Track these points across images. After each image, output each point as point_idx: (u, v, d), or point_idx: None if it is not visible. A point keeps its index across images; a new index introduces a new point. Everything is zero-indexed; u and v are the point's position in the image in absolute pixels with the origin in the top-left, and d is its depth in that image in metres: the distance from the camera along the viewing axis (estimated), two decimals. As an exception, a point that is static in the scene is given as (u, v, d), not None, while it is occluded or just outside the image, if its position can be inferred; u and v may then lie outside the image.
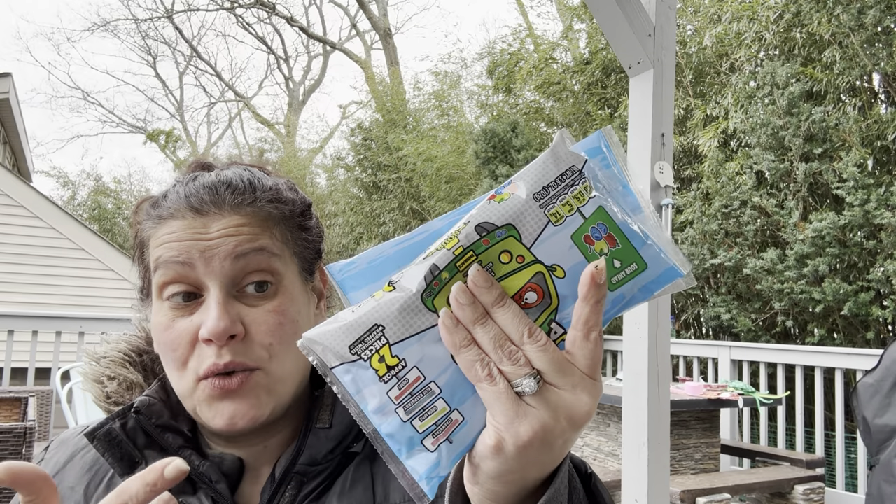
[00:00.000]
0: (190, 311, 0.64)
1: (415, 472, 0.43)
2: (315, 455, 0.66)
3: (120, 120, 25.64)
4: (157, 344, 0.66)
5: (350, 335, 0.42)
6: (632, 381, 2.25)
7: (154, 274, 0.65)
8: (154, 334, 0.67)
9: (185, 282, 0.64)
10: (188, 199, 0.65)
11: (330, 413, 0.68)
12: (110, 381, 0.73)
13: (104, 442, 0.66)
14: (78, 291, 8.52)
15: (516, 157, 8.14)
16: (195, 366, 0.63)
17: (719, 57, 6.61)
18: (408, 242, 0.46)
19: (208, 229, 0.64)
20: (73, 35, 35.44)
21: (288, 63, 24.15)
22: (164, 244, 0.64)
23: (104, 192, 16.69)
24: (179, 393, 0.66)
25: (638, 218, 0.45)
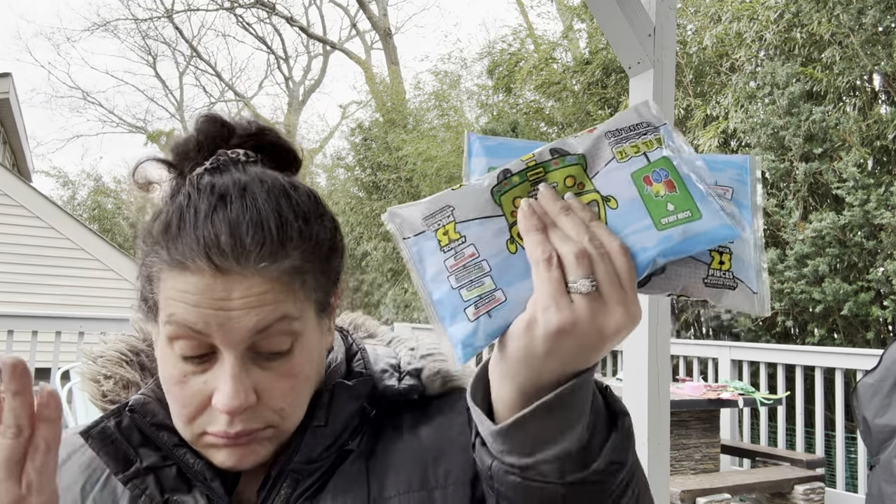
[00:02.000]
0: (203, 369, 0.61)
1: (453, 337, 0.50)
2: (311, 453, 0.65)
3: (120, 120, 25.64)
4: (165, 387, 0.63)
5: (426, 210, 0.51)
6: (632, 381, 2.25)
7: (164, 322, 0.60)
8: (162, 375, 0.63)
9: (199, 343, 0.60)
10: (207, 251, 0.57)
11: (326, 411, 0.67)
12: (107, 379, 0.72)
13: (98, 440, 0.66)
14: (78, 291, 8.52)
15: (516, 157, 8.15)
16: (204, 423, 0.62)
17: (719, 57, 6.61)
18: None
19: (229, 295, 0.57)
20: (72, 35, 35.44)
21: (288, 63, 24.16)
22: (178, 301, 0.58)
23: (104, 192, 16.70)
24: (181, 432, 0.64)
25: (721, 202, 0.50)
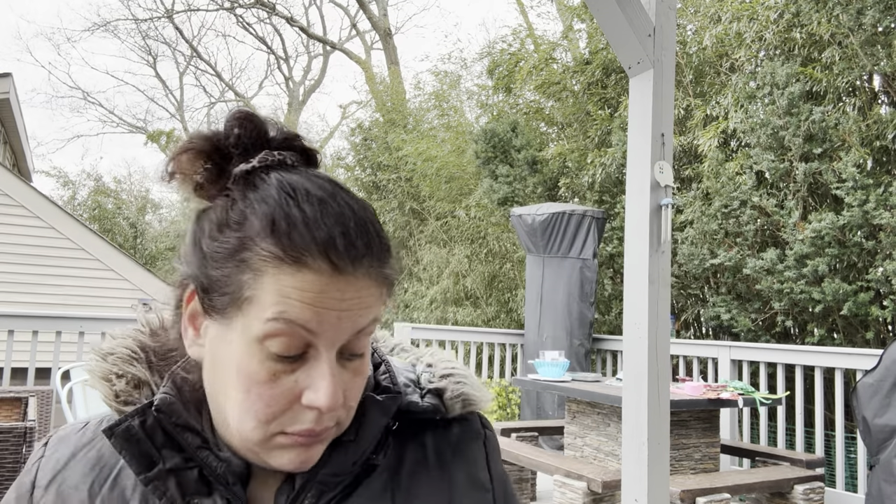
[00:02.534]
0: (293, 369, 0.60)
1: None
2: (338, 467, 0.66)
3: (120, 120, 25.64)
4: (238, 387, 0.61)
5: None
6: (632, 381, 2.26)
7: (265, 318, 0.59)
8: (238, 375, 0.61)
9: (299, 343, 0.60)
10: (326, 250, 0.58)
11: (357, 425, 0.67)
12: (119, 378, 0.70)
13: (122, 439, 0.65)
14: (78, 291, 8.52)
15: (516, 157, 8.15)
16: (284, 423, 0.61)
17: (719, 57, 6.61)
18: None
19: (343, 295, 0.59)
20: (73, 35, 35.46)
21: (288, 63, 24.16)
22: (294, 299, 0.58)
23: (104, 192, 16.68)
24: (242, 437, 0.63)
25: None
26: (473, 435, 0.76)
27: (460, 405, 0.76)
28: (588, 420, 3.90)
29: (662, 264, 2.26)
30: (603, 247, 6.98)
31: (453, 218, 10.16)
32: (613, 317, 7.24)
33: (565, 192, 7.55)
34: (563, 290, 5.73)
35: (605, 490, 3.22)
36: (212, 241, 0.62)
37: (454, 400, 0.75)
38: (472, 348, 6.03)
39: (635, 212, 2.30)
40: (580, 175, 7.40)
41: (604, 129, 7.37)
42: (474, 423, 0.77)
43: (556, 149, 7.93)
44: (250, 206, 0.61)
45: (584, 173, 7.22)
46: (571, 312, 5.72)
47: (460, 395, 0.76)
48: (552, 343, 5.61)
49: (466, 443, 0.75)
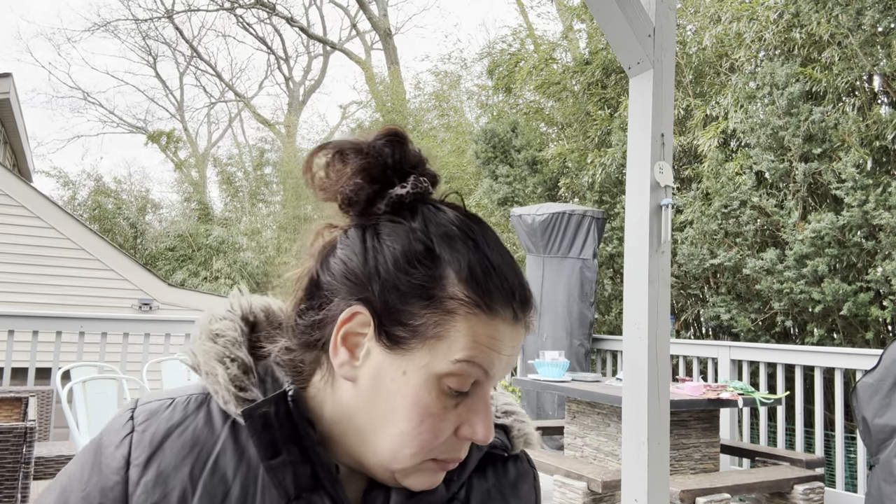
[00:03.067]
0: (457, 403, 0.64)
1: None
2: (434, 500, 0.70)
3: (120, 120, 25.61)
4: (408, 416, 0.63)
5: None
6: (632, 381, 2.26)
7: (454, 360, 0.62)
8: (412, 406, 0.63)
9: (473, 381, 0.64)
10: (512, 301, 0.64)
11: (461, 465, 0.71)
12: (232, 362, 0.68)
13: (260, 424, 0.63)
14: (78, 291, 8.52)
15: (516, 157, 8.15)
16: (439, 450, 0.65)
17: (719, 57, 6.61)
18: None
19: (515, 342, 0.65)
20: (73, 35, 35.41)
21: (288, 63, 24.16)
22: (485, 346, 0.62)
23: (104, 193, 16.65)
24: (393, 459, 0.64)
25: None
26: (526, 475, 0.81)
27: (522, 444, 0.80)
28: (588, 420, 3.90)
29: (662, 264, 2.26)
30: (603, 247, 6.98)
31: (453, 218, 10.13)
32: (613, 317, 7.24)
33: (565, 193, 7.55)
34: (563, 290, 5.73)
35: (605, 490, 3.22)
36: (398, 272, 0.63)
37: (519, 439, 0.80)
38: (472, 348, 6.03)
39: (635, 212, 2.30)
40: (580, 175, 7.40)
41: (604, 129, 7.37)
42: (525, 462, 0.81)
43: (556, 149, 7.93)
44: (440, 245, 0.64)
45: (584, 173, 7.23)
46: (571, 312, 5.72)
47: (524, 435, 0.80)
48: (552, 343, 5.61)
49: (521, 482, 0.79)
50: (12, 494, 2.56)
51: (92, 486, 0.65)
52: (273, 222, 18.07)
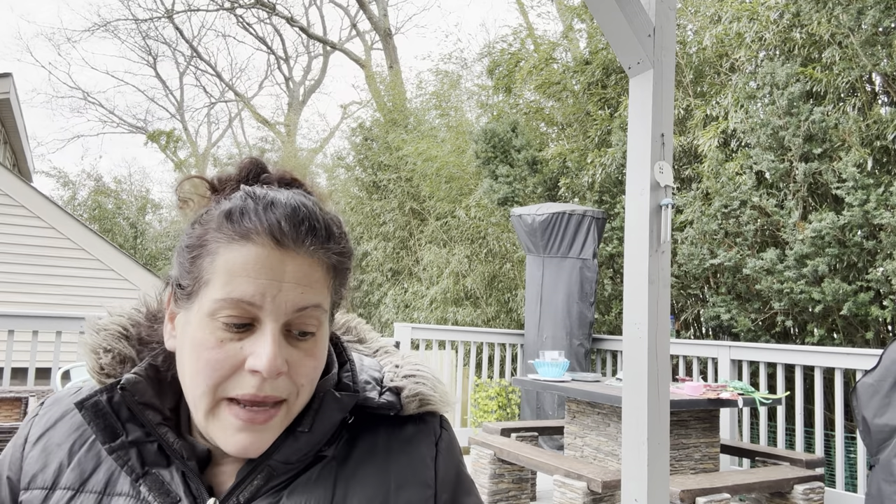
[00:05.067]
0: (240, 337, 0.67)
1: None
2: (290, 455, 0.71)
3: (120, 120, 25.62)
4: (192, 357, 0.68)
5: None
6: (632, 381, 2.26)
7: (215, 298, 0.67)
8: (190, 347, 0.68)
9: (246, 315, 0.67)
10: (270, 229, 0.67)
11: (312, 418, 0.73)
12: (106, 353, 0.77)
13: (91, 412, 0.71)
14: (78, 291, 8.52)
15: (516, 157, 8.15)
16: (228, 388, 0.67)
17: (719, 57, 6.61)
18: None
19: (284, 267, 0.67)
20: (73, 35, 35.40)
21: (288, 63, 24.15)
22: (239, 275, 0.66)
23: (104, 192, 16.66)
24: (195, 406, 0.69)
25: None
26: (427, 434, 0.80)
27: (416, 404, 0.80)
28: (588, 420, 3.90)
29: (662, 264, 2.26)
30: (603, 247, 6.98)
31: (453, 218, 10.16)
32: (613, 317, 7.24)
33: (565, 192, 7.55)
34: (563, 290, 5.73)
35: (605, 490, 3.22)
36: (184, 237, 0.72)
37: (410, 398, 0.79)
38: (472, 348, 6.03)
39: (635, 212, 2.30)
40: (580, 175, 7.40)
41: (604, 129, 7.37)
42: (431, 423, 0.81)
43: (556, 149, 7.93)
44: (217, 205, 0.71)
45: (584, 173, 7.22)
46: (571, 312, 5.72)
47: (417, 394, 0.80)
48: (552, 343, 5.61)
49: (418, 441, 0.79)
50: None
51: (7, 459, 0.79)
52: (273, 222, 18.01)
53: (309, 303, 0.68)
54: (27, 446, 0.78)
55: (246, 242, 0.67)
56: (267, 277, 0.66)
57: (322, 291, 0.70)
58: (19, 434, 0.80)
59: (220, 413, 0.68)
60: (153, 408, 0.73)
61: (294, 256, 0.68)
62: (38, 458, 0.76)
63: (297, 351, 0.69)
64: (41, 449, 0.76)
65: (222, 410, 0.67)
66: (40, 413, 0.80)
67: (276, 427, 0.69)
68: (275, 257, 0.67)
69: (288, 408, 0.70)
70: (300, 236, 0.68)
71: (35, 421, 0.80)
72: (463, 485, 0.81)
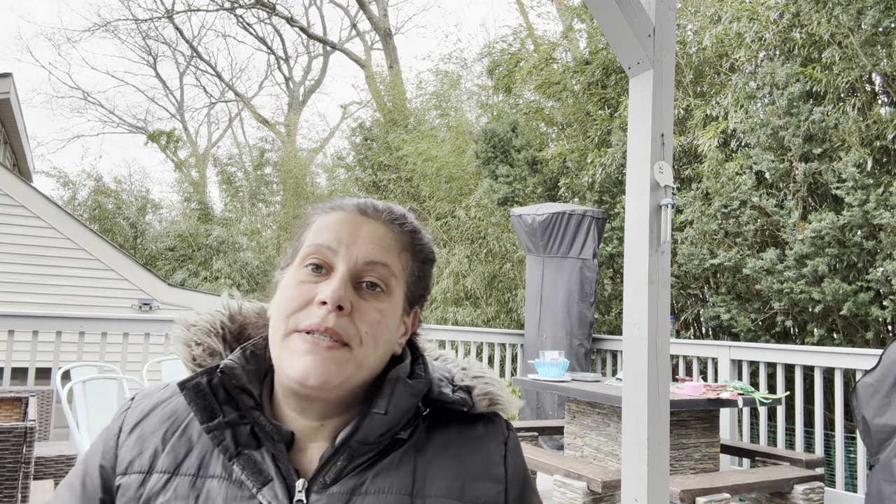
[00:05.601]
0: (317, 280, 0.78)
1: None
2: (368, 435, 0.77)
3: (120, 120, 25.62)
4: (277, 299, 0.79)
5: None
6: (632, 381, 2.26)
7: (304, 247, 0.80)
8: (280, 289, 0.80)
9: (324, 260, 0.78)
10: (357, 204, 0.83)
11: (387, 401, 0.78)
12: (197, 346, 0.86)
13: (192, 392, 0.78)
14: (78, 291, 8.52)
15: (516, 157, 8.15)
16: (299, 318, 0.76)
17: (719, 57, 6.61)
18: None
19: (361, 227, 0.81)
20: (73, 35, 35.36)
21: (288, 63, 24.16)
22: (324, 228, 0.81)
23: (104, 192, 16.63)
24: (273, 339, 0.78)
25: None
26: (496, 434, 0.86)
27: (486, 402, 0.86)
28: (588, 420, 3.90)
29: (662, 264, 2.26)
30: (603, 247, 6.98)
31: (453, 218, 10.16)
32: (613, 317, 7.24)
33: (565, 192, 7.55)
34: (563, 290, 5.73)
35: (605, 490, 3.22)
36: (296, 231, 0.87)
37: (481, 396, 0.86)
38: (472, 348, 6.03)
39: (635, 212, 2.30)
40: (580, 175, 7.40)
41: (604, 129, 7.37)
42: (499, 424, 0.88)
43: (556, 149, 7.93)
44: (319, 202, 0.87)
45: (584, 173, 7.22)
46: (571, 312, 5.72)
47: (487, 393, 0.87)
48: (552, 343, 5.61)
49: (488, 439, 0.85)
50: (12, 494, 2.56)
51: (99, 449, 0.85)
52: (273, 222, 18.06)
53: (378, 259, 0.79)
54: (122, 436, 0.84)
55: (335, 210, 0.83)
56: (345, 231, 0.79)
57: (392, 257, 0.81)
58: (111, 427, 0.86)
59: (290, 341, 0.75)
60: (247, 392, 0.80)
61: (373, 222, 0.81)
62: (134, 445, 0.82)
63: (365, 302, 0.77)
64: (136, 437, 0.83)
65: (293, 339, 0.75)
66: (132, 406, 0.87)
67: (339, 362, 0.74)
68: (356, 220, 0.81)
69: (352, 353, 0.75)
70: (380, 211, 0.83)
71: (128, 413, 0.86)
72: (529, 483, 0.87)
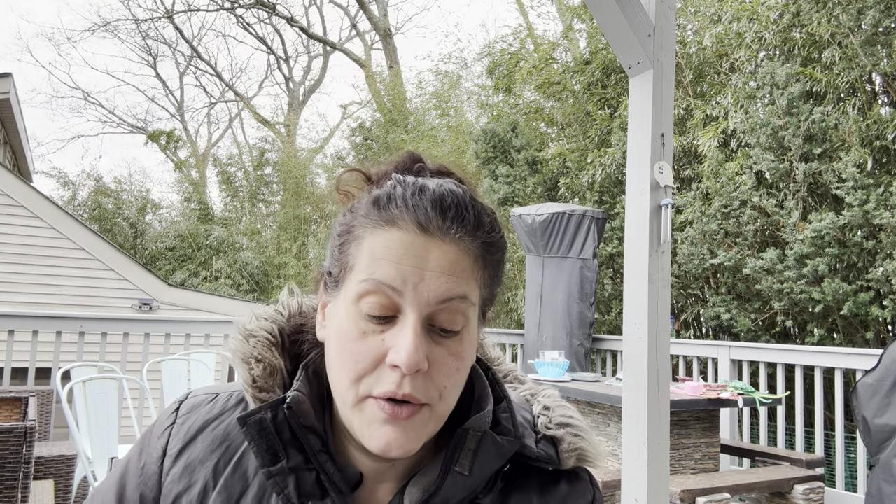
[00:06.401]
0: (382, 329, 0.63)
1: None
2: (449, 499, 0.67)
3: (120, 120, 25.62)
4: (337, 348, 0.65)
5: None
6: (632, 381, 2.26)
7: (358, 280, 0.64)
8: (336, 336, 0.65)
9: (388, 304, 0.63)
10: (416, 213, 0.64)
11: (471, 460, 0.67)
12: (257, 364, 0.71)
13: (255, 430, 0.66)
14: (78, 291, 8.52)
15: (516, 157, 8.15)
16: (371, 383, 0.63)
17: (719, 57, 6.61)
18: None
19: (428, 255, 0.63)
20: (73, 35, 35.38)
21: (288, 63, 24.16)
22: (382, 258, 0.63)
23: (104, 193, 16.64)
24: (341, 400, 0.65)
25: None
26: (582, 494, 0.75)
27: (574, 460, 0.74)
28: (588, 420, 3.90)
29: (662, 264, 2.26)
30: (603, 247, 6.98)
31: (453, 218, 10.15)
32: (613, 317, 7.24)
33: (565, 192, 7.55)
34: (563, 290, 5.73)
35: (605, 490, 3.22)
36: (333, 231, 0.70)
37: (569, 454, 0.74)
38: (472, 348, 6.03)
39: (635, 212, 2.30)
40: (580, 175, 7.40)
41: (604, 129, 7.37)
42: (584, 481, 0.76)
43: (556, 149, 7.93)
44: (368, 193, 0.68)
45: (584, 173, 7.22)
46: (571, 312, 5.72)
47: (577, 449, 0.74)
48: (552, 343, 5.61)
49: (573, 500, 0.74)
50: (12, 494, 2.56)
51: (139, 472, 0.72)
52: (273, 222, 18.06)
53: (454, 294, 0.64)
54: (166, 461, 0.71)
55: (391, 227, 0.64)
56: (410, 264, 0.63)
57: (469, 283, 0.65)
58: (152, 444, 0.73)
59: (365, 408, 0.63)
60: (315, 432, 0.68)
61: (440, 244, 0.64)
62: (182, 476, 0.70)
63: (440, 348, 0.64)
64: (183, 466, 0.70)
65: (367, 405, 0.63)
66: (177, 422, 0.74)
67: (419, 427, 0.64)
68: (419, 244, 0.63)
69: (432, 411, 0.65)
70: (446, 223, 0.64)
71: (173, 431, 0.73)
72: None
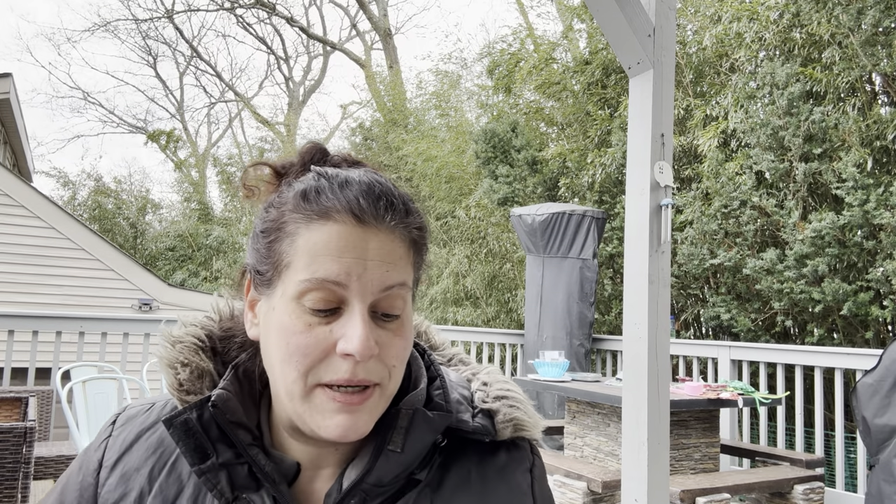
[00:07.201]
0: (328, 321, 0.64)
1: None
2: (383, 477, 0.68)
3: (120, 120, 25.62)
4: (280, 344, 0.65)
5: None
6: (632, 381, 2.26)
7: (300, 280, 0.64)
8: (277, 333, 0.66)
9: (332, 297, 0.64)
10: (349, 205, 0.65)
11: (403, 437, 0.68)
12: (183, 367, 0.72)
13: (181, 431, 0.67)
14: (78, 291, 8.52)
15: (516, 157, 8.15)
16: (320, 373, 0.64)
17: (719, 57, 6.61)
18: None
19: (367, 245, 0.64)
20: (73, 35, 35.40)
21: (288, 63, 24.16)
22: (322, 254, 0.64)
23: (104, 192, 16.64)
24: (287, 393, 0.66)
25: None
26: (521, 461, 0.76)
27: (511, 430, 0.76)
28: (588, 420, 3.90)
29: (662, 264, 2.26)
30: (603, 247, 6.98)
31: (453, 218, 10.16)
32: (613, 317, 7.24)
33: (565, 192, 7.55)
34: (563, 291, 5.73)
35: (605, 490, 3.22)
36: (258, 223, 0.70)
37: (505, 424, 0.75)
38: (472, 348, 6.03)
39: (635, 212, 2.30)
40: (580, 175, 7.40)
41: (604, 129, 7.37)
42: (523, 449, 0.77)
43: (556, 149, 7.93)
44: (290, 187, 0.68)
45: (584, 173, 7.22)
46: (571, 312, 5.72)
47: (512, 419, 0.76)
48: (552, 343, 5.61)
49: (513, 469, 0.75)
50: (12, 494, 2.56)
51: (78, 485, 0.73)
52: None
53: (395, 281, 0.66)
54: (102, 472, 0.72)
55: (326, 221, 0.64)
56: (351, 255, 0.64)
57: (406, 269, 0.68)
58: (89, 457, 0.74)
59: (314, 398, 0.64)
60: (244, 427, 0.69)
61: (376, 233, 0.65)
62: (118, 485, 0.71)
63: (385, 332, 0.66)
64: (119, 475, 0.71)
65: (317, 395, 0.64)
66: (114, 434, 0.75)
67: (372, 408, 0.66)
68: (357, 235, 0.64)
69: (381, 391, 0.66)
70: (380, 212, 0.65)
71: (109, 443, 0.74)
72: None
